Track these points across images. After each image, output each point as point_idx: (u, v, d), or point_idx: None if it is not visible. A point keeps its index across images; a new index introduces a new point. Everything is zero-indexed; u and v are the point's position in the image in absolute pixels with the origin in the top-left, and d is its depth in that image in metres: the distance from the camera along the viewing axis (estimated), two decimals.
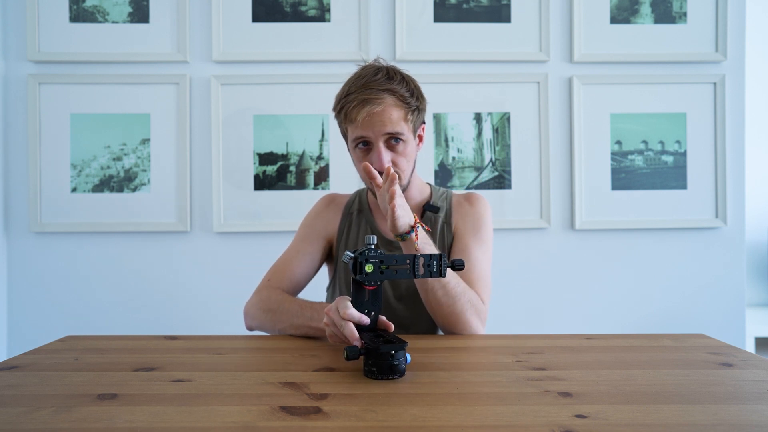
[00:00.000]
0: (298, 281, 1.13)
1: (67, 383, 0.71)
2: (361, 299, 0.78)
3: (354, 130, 1.03)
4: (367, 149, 1.04)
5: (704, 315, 1.83)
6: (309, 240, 1.17)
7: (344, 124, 1.06)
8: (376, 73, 1.03)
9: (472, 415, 0.59)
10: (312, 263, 1.16)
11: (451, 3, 1.81)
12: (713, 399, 0.64)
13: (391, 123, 1.01)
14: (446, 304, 0.97)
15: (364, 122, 1.00)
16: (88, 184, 1.78)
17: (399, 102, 1.02)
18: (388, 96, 1.00)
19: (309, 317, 0.96)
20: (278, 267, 1.14)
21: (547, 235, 1.83)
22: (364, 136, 1.02)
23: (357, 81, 1.03)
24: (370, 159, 1.03)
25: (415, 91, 1.06)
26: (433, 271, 0.78)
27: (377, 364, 0.71)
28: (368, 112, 0.99)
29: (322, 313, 0.92)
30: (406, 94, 1.03)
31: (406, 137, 1.04)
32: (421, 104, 1.07)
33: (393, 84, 1.02)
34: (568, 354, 0.85)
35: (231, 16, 1.79)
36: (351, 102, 1.00)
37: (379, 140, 1.01)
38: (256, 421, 0.57)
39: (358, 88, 1.01)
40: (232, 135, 1.79)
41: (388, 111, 1.00)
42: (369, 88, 1.00)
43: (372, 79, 1.01)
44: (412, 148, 1.07)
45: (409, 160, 1.07)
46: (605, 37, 1.82)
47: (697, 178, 1.82)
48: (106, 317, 1.78)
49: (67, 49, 1.77)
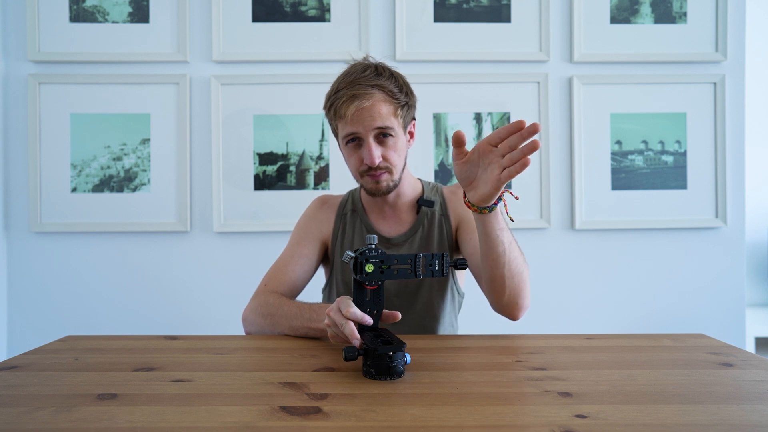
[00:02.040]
0: (295, 285, 1.12)
1: (67, 383, 0.71)
2: (363, 299, 0.78)
3: (344, 126, 1.03)
4: (357, 145, 1.05)
5: (704, 315, 1.83)
6: (304, 242, 1.16)
7: (334, 121, 1.06)
8: (365, 70, 1.04)
9: (472, 415, 0.59)
10: (309, 266, 1.15)
11: (451, 3, 1.81)
12: (713, 399, 0.64)
13: (380, 117, 1.01)
14: (517, 272, 0.93)
15: (353, 117, 1.01)
16: (88, 184, 1.78)
17: (388, 97, 1.02)
18: (377, 91, 1.01)
19: (308, 318, 0.96)
20: (275, 271, 1.13)
21: (547, 235, 1.83)
22: (354, 132, 1.03)
23: (345, 78, 1.04)
24: (360, 155, 1.04)
25: (404, 87, 1.06)
26: (435, 271, 0.77)
27: (375, 365, 0.71)
28: (357, 107, 0.99)
29: (322, 314, 0.92)
30: (395, 90, 1.03)
31: (396, 132, 1.05)
32: (410, 100, 1.08)
33: (382, 80, 1.02)
34: (568, 354, 0.85)
35: (231, 16, 1.79)
36: (340, 98, 1.01)
37: (369, 135, 1.02)
38: (256, 421, 0.57)
39: (347, 84, 1.02)
40: (232, 135, 1.79)
41: (377, 106, 1.01)
42: (358, 84, 1.00)
43: (360, 76, 1.02)
44: (402, 144, 1.08)
45: (400, 155, 1.07)
46: (605, 37, 1.82)
47: (697, 178, 1.82)
48: (106, 317, 1.78)
49: (67, 49, 1.77)
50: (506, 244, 0.89)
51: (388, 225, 1.17)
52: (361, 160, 1.05)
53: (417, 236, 1.15)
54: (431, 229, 1.15)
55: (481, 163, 0.81)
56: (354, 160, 1.07)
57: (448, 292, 1.15)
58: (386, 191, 1.08)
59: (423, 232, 1.15)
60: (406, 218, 1.17)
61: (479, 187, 0.81)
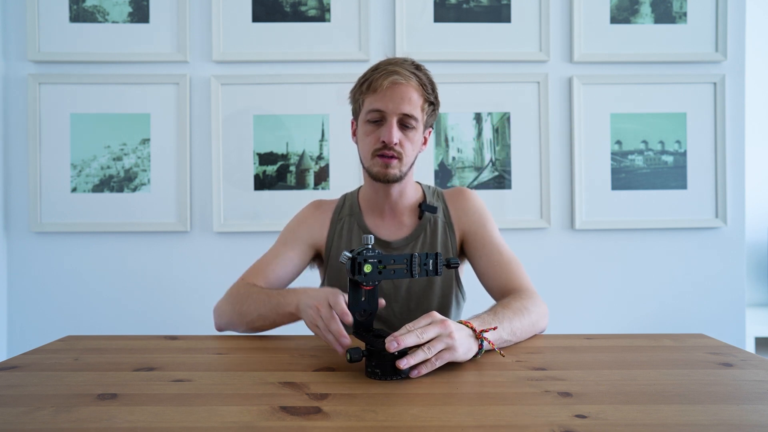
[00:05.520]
0: (272, 284, 1.10)
1: (67, 383, 0.71)
2: (358, 299, 0.79)
3: (373, 101, 1.04)
4: (377, 125, 1.05)
5: (704, 315, 1.83)
6: (290, 245, 1.15)
7: (363, 95, 1.06)
8: (405, 60, 1.07)
9: (472, 415, 0.59)
10: (291, 268, 1.14)
11: (451, 3, 1.81)
12: (713, 399, 0.64)
13: (410, 103, 1.03)
14: (531, 334, 0.96)
15: (386, 92, 1.02)
16: (88, 184, 1.78)
17: (421, 88, 1.05)
18: (414, 79, 1.04)
19: (276, 303, 0.95)
20: (255, 268, 1.12)
21: (547, 235, 1.83)
22: (380, 109, 1.03)
23: (386, 61, 1.07)
24: (378, 134, 1.04)
25: (435, 89, 1.09)
26: (429, 270, 0.78)
27: (381, 365, 0.71)
28: (393, 81, 1.01)
29: (290, 298, 0.93)
30: (429, 86, 1.07)
31: (417, 126, 1.06)
32: (436, 102, 1.10)
33: (419, 72, 1.06)
34: (568, 354, 0.85)
35: (231, 16, 1.79)
36: (379, 72, 1.03)
37: (393, 117, 1.03)
38: (256, 421, 0.57)
39: (389, 63, 1.05)
40: (232, 135, 1.79)
41: (410, 90, 1.03)
42: (399, 66, 1.04)
43: (402, 62, 1.06)
44: (419, 139, 1.08)
45: (414, 149, 1.08)
46: (605, 37, 1.82)
47: (697, 178, 1.82)
48: (106, 317, 1.78)
49: (67, 49, 1.77)
50: (514, 340, 0.90)
51: (387, 228, 1.15)
52: (378, 138, 1.04)
53: (419, 242, 1.13)
54: (434, 236, 1.13)
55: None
56: (370, 139, 1.06)
57: (453, 293, 1.15)
58: (392, 179, 1.07)
59: (425, 239, 1.13)
60: (407, 222, 1.15)
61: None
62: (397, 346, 0.69)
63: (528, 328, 0.93)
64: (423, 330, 0.72)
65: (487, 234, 1.12)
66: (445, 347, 0.73)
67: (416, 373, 0.72)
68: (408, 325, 0.74)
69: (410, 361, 0.70)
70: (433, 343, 0.72)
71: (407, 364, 0.70)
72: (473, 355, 0.78)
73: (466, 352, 0.76)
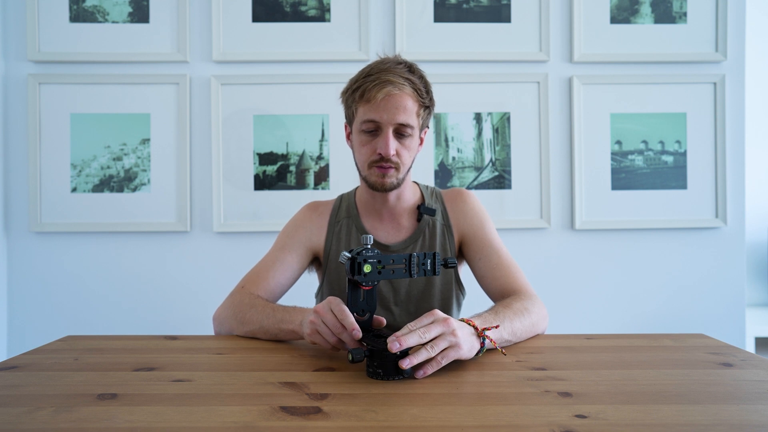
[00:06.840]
0: (273, 291, 1.09)
1: (67, 383, 0.71)
2: (357, 299, 0.79)
3: (367, 111, 1.02)
4: (372, 135, 1.03)
5: (704, 315, 1.83)
6: (288, 249, 1.13)
7: (357, 103, 1.04)
8: (398, 63, 1.04)
9: (472, 415, 0.59)
10: (290, 273, 1.12)
11: (451, 3, 1.81)
12: (713, 399, 0.64)
13: (405, 112, 1.01)
14: (532, 335, 0.96)
15: (380, 103, 0.99)
16: (88, 184, 1.78)
17: (415, 95, 1.02)
18: (408, 85, 1.01)
19: (279, 319, 0.93)
20: (254, 274, 1.10)
21: (547, 235, 1.83)
22: (375, 120, 1.01)
23: (379, 65, 1.03)
24: (374, 145, 1.03)
25: (430, 90, 1.07)
26: (427, 270, 0.79)
27: (383, 365, 0.71)
28: (388, 93, 0.99)
29: (295, 316, 0.91)
30: (423, 90, 1.04)
31: (414, 132, 1.04)
32: (431, 104, 1.08)
33: (413, 77, 1.03)
34: (568, 354, 0.85)
35: (231, 16, 1.79)
36: (371, 81, 1.00)
37: (389, 127, 1.01)
38: (256, 421, 0.57)
39: (381, 70, 1.01)
40: (232, 135, 1.79)
41: (404, 99, 1.01)
42: (391, 73, 1.01)
43: (394, 67, 1.02)
44: (415, 144, 1.07)
45: (411, 155, 1.07)
46: (605, 37, 1.82)
47: (697, 178, 1.82)
48: (106, 317, 1.78)
49: (67, 49, 1.77)
50: (514, 340, 0.90)
51: (385, 231, 1.14)
52: (374, 149, 1.03)
53: (417, 245, 1.12)
54: (433, 239, 1.13)
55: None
56: (366, 149, 1.04)
57: (453, 294, 1.15)
58: (389, 188, 1.06)
59: (424, 242, 1.13)
60: (405, 224, 1.14)
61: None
62: (400, 347, 0.68)
63: (528, 328, 0.93)
64: (425, 329, 0.72)
65: (486, 236, 1.12)
66: (448, 345, 0.72)
67: (422, 374, 0.71)
68: (410, 324, 0.73)
69: (413, 361, 0.70)
70: (436, 342, 0.72)
71: (410, 363, 0.70)
72: (476, 353, 0.78)
73: (470, 350, 0.76)
